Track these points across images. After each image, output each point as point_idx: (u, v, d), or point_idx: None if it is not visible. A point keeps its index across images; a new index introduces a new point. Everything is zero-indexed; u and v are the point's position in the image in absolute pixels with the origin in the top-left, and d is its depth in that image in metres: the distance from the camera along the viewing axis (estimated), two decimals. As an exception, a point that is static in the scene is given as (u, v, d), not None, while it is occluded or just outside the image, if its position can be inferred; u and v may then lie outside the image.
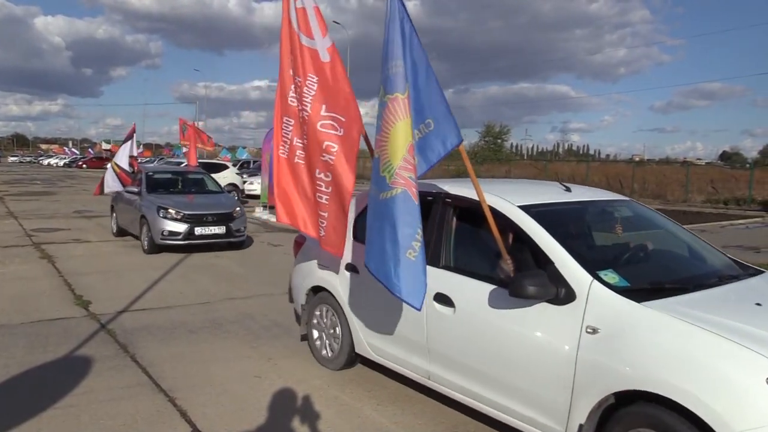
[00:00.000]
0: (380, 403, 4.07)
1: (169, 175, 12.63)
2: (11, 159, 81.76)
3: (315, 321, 4.89)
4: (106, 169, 14.33)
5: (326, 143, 3.95)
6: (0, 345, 5.05)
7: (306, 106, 4.04)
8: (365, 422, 3.78)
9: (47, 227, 13.03)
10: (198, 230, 9.97)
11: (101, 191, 13.10)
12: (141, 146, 37.94)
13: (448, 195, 3.87)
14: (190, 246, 10.06)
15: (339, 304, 4.54)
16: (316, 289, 4.83)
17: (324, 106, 4.00)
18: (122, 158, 13.05)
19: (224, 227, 10.20)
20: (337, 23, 51.20)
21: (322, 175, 4.01)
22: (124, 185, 12.13)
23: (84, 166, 56.61)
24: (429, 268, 3.46)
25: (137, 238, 10.72)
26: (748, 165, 30.21)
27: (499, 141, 48.59)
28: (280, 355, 5.01)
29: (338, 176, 3.92)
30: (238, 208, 10.66)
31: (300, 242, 5.17)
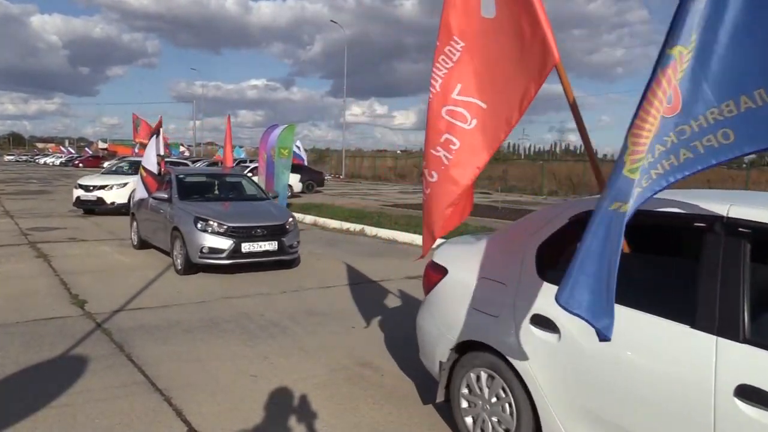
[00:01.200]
0: (376, 402, 4.07)
1: (203, 178, 10.65)
2: (7, 158, 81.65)
3: (466, 391, 3.42)
4: (101, 167, 14.33)
5: (445, 136, 3.08)
6: (-5, 344, 5.04)
7: (436, 81, 3.09)
8: (361, 421, 3.78)
9: (43, 226, 12.99)
10: (245, 246, 8.10)
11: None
12: (138, 146, 37.63)
13: (746, 222, 2.33)
14: (236, 265, 8.27)
15: (517, 374, 3.02)
16: (468, 345, 3.39)
17: (459, 86, 3.02)
18: (150, 160, 10.86)
19: (276, 242, 8.35)
20: (334, 22, 51.21)
21: (426, 172, 3.22)
22: (149, 191, 10.21)
23: (80, 165, 56.49)
24: (719, 339, 2.28)
25: (166, 253, 9.09)
26: (744, 165, 30.29)
27: (496, 141, 48.65)
28: (276, 354, 5.00)
29: (447, 182, 3.12)
30: (290, 219, 8.89)
31: (434, 275, 3.75)
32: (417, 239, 11.11)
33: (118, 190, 15.40)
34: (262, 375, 4.53)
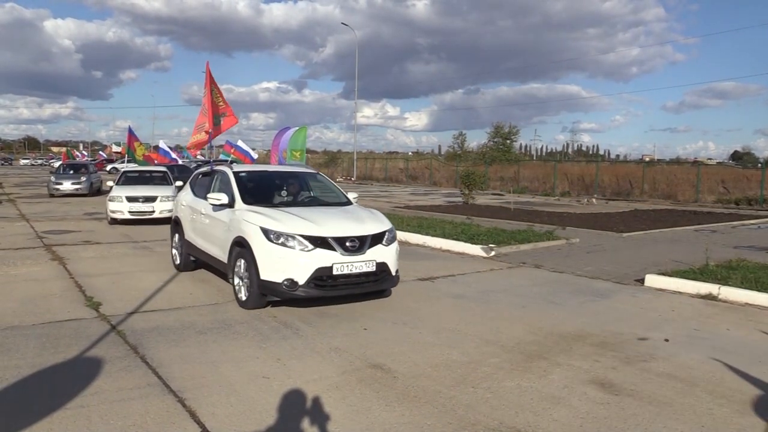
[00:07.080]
0: (388, 404, 4.07)
1: None
2: (23, 162, 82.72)
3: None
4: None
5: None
6: (11, 346, 5.10)
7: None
8: (374, 423, 3.77)
9: (58, 229, 13.13)
10: None
11: None
12: (150, 147, 37.80)
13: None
14: None
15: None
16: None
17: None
18: None
19: None
20: (345, 25, 51.34)
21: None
22: None
23: (94, 168, 56.93)
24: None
25: None
26: (759, 165, 29.96)
27: (508, 141, 48.58)
28: (288, 355, 5.02)
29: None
30: None
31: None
32: (429, 241, 11.07)
33: None
34: (274, 376, 4.54)
